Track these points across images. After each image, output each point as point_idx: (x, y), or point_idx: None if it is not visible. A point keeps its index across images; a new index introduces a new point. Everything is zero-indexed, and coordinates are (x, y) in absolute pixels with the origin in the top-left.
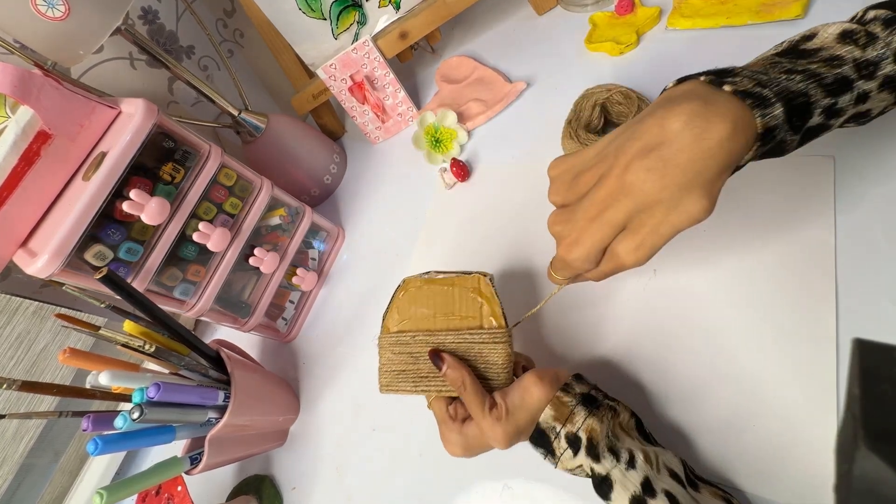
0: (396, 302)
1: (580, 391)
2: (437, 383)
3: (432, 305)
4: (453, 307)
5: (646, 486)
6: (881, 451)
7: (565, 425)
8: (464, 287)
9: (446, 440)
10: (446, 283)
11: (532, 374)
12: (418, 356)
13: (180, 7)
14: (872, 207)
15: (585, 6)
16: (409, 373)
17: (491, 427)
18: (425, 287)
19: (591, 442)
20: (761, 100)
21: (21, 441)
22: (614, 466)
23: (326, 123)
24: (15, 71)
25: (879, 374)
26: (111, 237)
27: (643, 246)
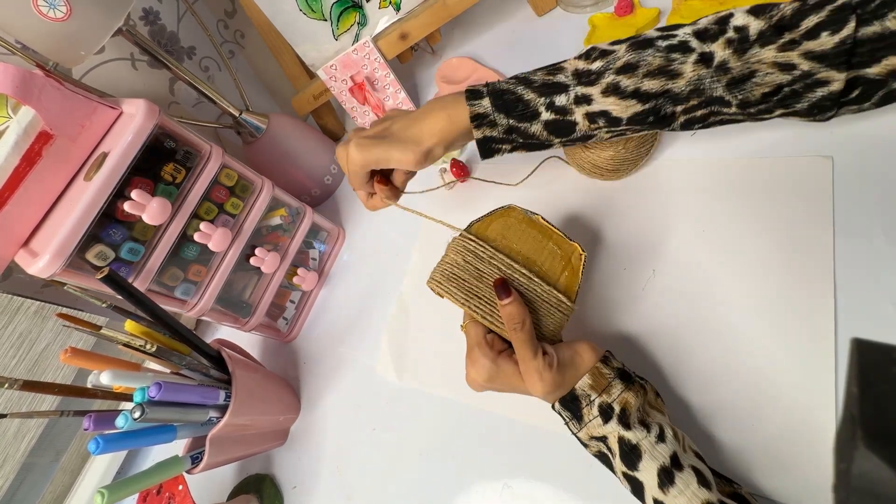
0: (494, 218)
1: (617, 365)
2: (486, 310)
3: (521, 243)
4: (539, 256)
5: (674, 460)
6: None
7: (601, 395)
8: (558, 246)
9: (475, 363)
10: (546, 234)
11: (586, 342)
12: (484, 276)
13: (181, 8)
14: (870, 207)
15: (585, 7)
16: (467, 285)
17: (540, 371)
18: (525, 224)
19: (625, 412)
20: (474, 93)
21: (22, 440)
22: (644, 437)
23: (327, 124)
24: (16, 71)
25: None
26: (112, 237)
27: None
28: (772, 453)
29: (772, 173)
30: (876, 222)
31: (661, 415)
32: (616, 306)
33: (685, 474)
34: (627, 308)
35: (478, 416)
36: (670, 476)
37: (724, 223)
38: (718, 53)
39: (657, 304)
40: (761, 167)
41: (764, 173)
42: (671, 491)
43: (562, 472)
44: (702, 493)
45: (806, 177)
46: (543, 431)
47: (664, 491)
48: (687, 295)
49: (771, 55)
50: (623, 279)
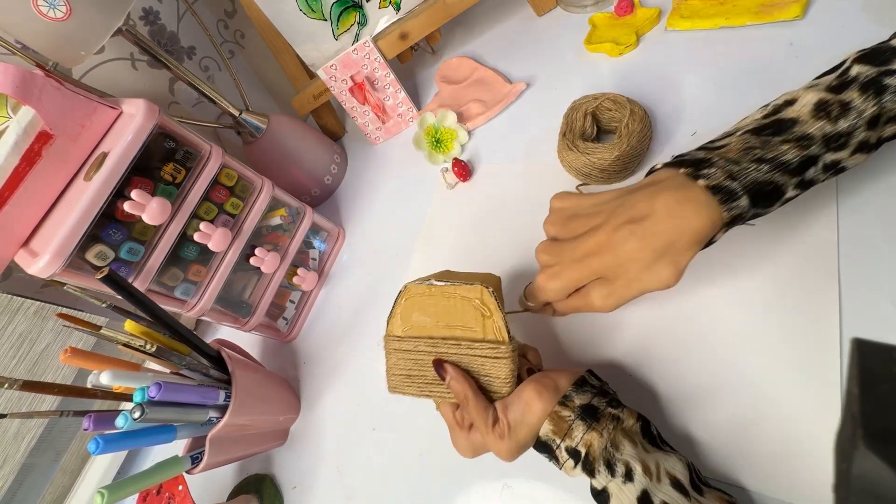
0: (399, 308)
1: (580, 402)
2: (443, 390)
3: (434, 314)
4: (455, 317)
5: (643, 499)
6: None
7: (564, 440)
8: (465, 298)
9: (456, 445)
10: (447, 293)
11: (532, 387)
12: (423, 363)
13: (181, 8)
14: (875, 208)
15: (585, 7)
16: (416, 377)
17: (494, 443)
18: (426, 294)
19: (588, 457)
20: (730, 194)
21: (22, 440)
22: (610, 480)
23: (327, 124)
24: (16, 71)
25: (879, 373)
26: (112, 237)
27: (613, 295)
28: (773, 453)
29: None
30: (881, 223)
31: (632, 446)
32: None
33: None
34: (627, 311)
35: None
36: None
37: None
38: None
39: (658, 307)
40: None
41: None
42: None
43: (562, 473)
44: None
45: None
46: None
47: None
48: (688, 298)
49: None
50: None
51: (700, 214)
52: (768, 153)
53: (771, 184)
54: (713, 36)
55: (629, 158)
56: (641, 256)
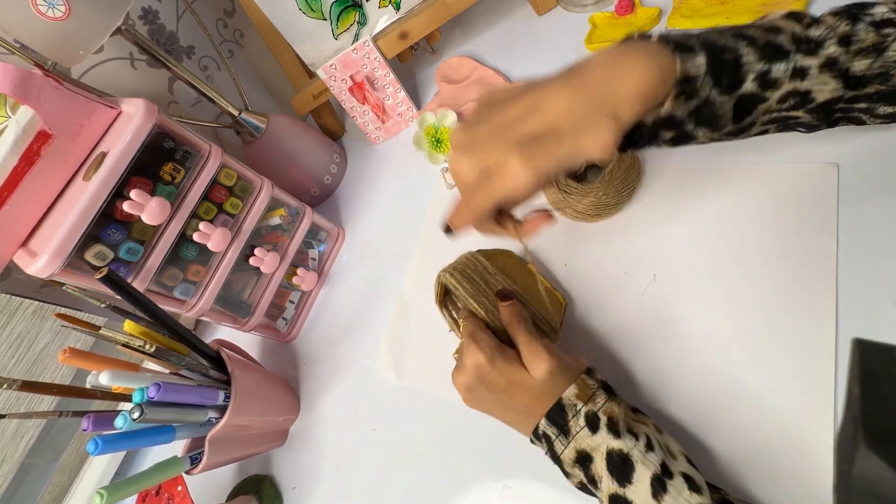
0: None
1: (600, 378)
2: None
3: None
4: (531, 292)
5: (664, 468)
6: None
7: (587, 404)
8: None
9: (470, 353)
10: (535, 279)
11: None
12: (489, 282)
13: (180, 7)
14: (875, 214)
15: (585, 6)
16: (475, 283)
17: (548, 348)
18: (520, 266)
19: (612, 421)
20: (684, 46)
21: (21, 440)
22: (634, 446)
23: (326, 123)
24: (15, 71)
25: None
26: (111, 237)
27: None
28: (773, 454)
29: (777, 179)
30: (880, 229)
31: (644, 426)
32: (615, 310)
33: (676, 481)
34: (627, 312)
35: (478, 417)
36: (663, 484)
37: (727, 228)
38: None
39: (657, 308)
40: (766, 173)
41: (769, 179)
42: (665, 499)
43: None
44: (693, 498)
45: (811, 184)
46: None
47: (658, 500)
48: (688, 299)
49: None
50: (623, 283)
51: (648, 61)
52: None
53: (733, 51)
54: None
55: (602, 207)
56: (574, 108)
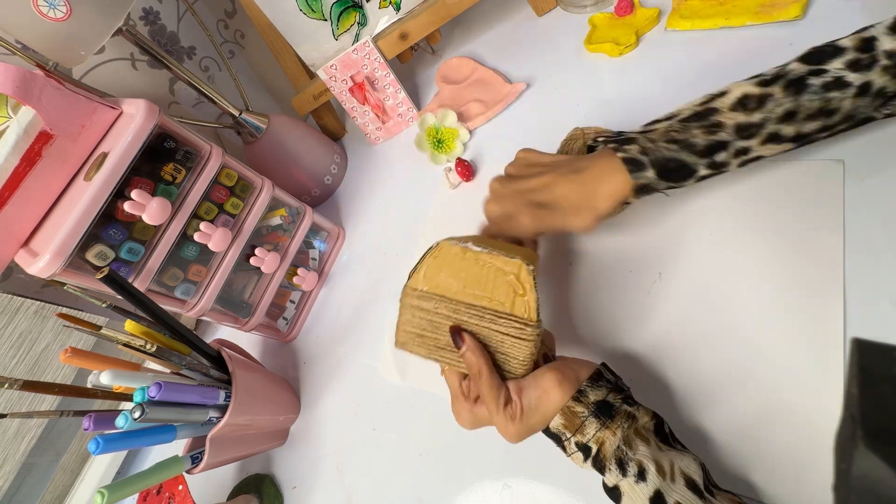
0: (426, 263)
1: (595, 398)
2: (453, 357)
3: (463, 279)
4: (485, 287)
5: (656, 499)
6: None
7: (575, 435)
8: (501, 270)
9: (457, 414)
10: (482, 260)
11: (553, 374)
12: (438, 326)
13: (181, 8)
14: (881, 211)
15: (585, 7)
16: (427, 339)
17: (503, 424)
18: (459, 257)
19: (599, 454)
20: (638, 165)
21: (22, 440)
22: (621, 479)
23: (327, 124)
24: (17, 71)
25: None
26: (112, 237)
27: (538, 219)
28: (774, 454)
29: (782, 177)
30: (888, 226)
31: (645, 445)
32: (621, 309)
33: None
34: (632, 311)
35: None
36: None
37: (732, 226)
38: (877, 81)
39: (663, 307)
40: (772, 171)
41: (774, 177)
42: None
43: (562, 472)
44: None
45: (817, 181)
46: None
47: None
48: (694, 298)
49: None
50: (628, 282)
51: (614, 179)
52: (680, 136)
53: (677, 161)
54: (713, 36)
55: None
56: (572, 198)
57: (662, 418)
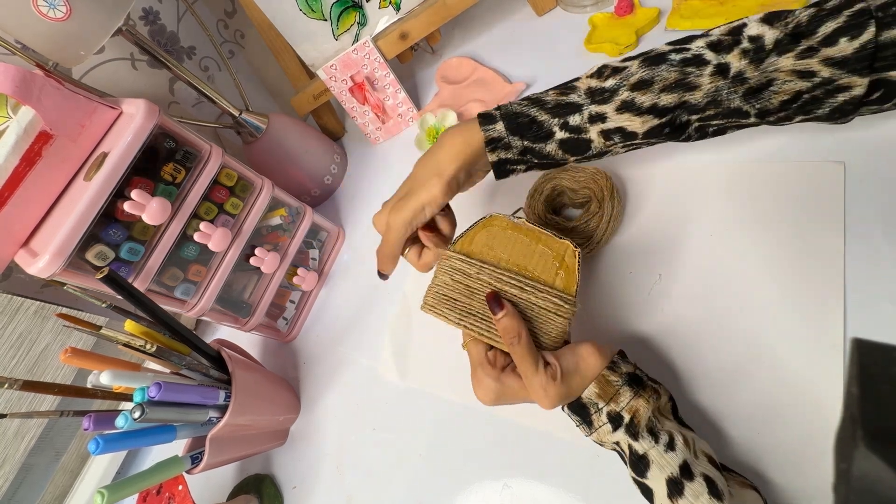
0: (475, 231)
1: (626, 370)
2: (483, 326)
3: (509, 251)
4: (529, 261)
5: (684, 469)
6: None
7: (609, 403)
8: (548, 247)
9: (479, 384)
10: (532, 236)
11: (590, 343)
12: (475, 292)
13: (181, 8)
14: (883, 211)
15: (585, 7)
16: (460, 303)
17: (544, 385)
18: (510, 230)
19: (633, 421)
20: (487, 118)
21: (22, 440)
22: (652, 447)
23: (327, 124)
24: (16, 71)
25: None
26: (112, 237)
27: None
28: (774, 454)
29: (783, 178)
30: (888, 227)
31: (670, 421)
32: (621, 310)
33: (695, 484)
34: (633, 312)
35: (478, 417)
36: (679, 487)
37: (733, 227)
38: (734, 64)
39: (663, 308)
40: (772, 171)
41: (775, 178)
42: (680, 502)
43: (562, 472)
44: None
45: (817, 181)
46: (543, 432)
47: (673, 501)
48: (694, 300)
49: (789, 63)
50: (629, 283)
51: (461, 135)
52: (534, 96)
53: (527, 116)
54: None
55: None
56: (422, 175)
57: (676, 402)
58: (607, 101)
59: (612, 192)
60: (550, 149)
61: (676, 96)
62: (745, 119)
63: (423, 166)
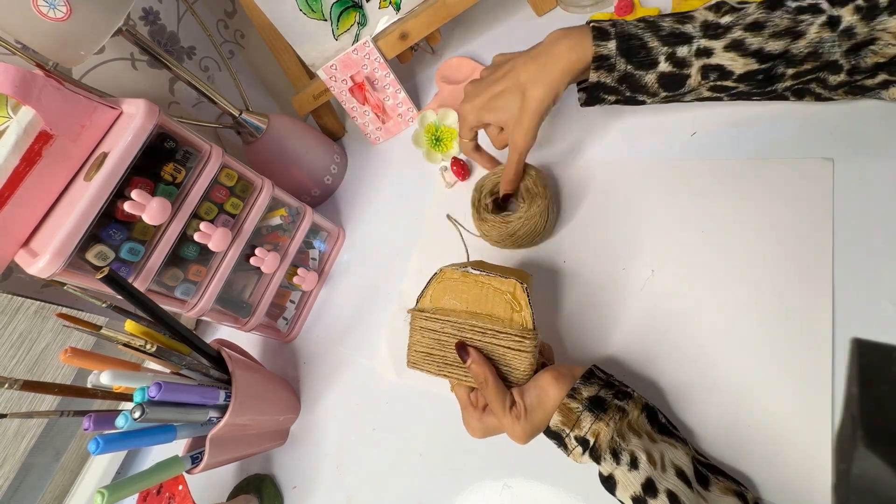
0: (431, 288)
1: (588, 394)
2: (460, 372)
3: (465, 300)
4: (485, 306)
5: (647, 487)
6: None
7: (573, 429)
8: (498, 290)
9: (468, 424)
10: (480, 282)
11: (549, 373)
12: (445, 344)
13: (181, 8)
14: (871, 209)
15: (585, 7)
16: (436, 356)
17: (510, 426)
18: (461, 280)
19: (596, 445)
20: (602, 33)
21: (22, 440)
22: (615, 468)
23: (327, 124)
24: (17, 71)
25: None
26: (113, 237)
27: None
28: (771, 453)
29: (772, 175)
30: (876, 225)
31: (638, 437)
32: (614, 306)
33: (658, 501)
34: (625, 308)
35: None
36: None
37: (724, 224)
38: (846, 18)
39: (655, 304)
40: (762, 168)
41: (764, 175)
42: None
43: (562, 472)
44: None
45: (807, 179)
46: None
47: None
48: (685, 295)
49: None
50: (621, 279)
51: (576, 49)
52: (650, 19)
53: (639, 39)
54: None
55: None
56: (531, 73)
57: (656, 409)
58: (719, 38)
59: (543, 185)
60: (649, 79)
61: (783, 43)
62: (834, 77)
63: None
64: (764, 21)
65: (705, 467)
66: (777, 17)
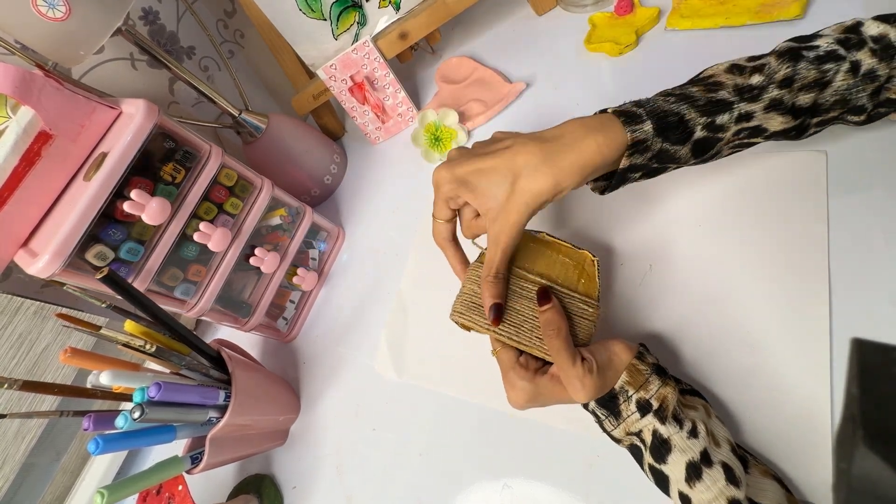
0: None
1: (652, 361)
2: (513, 331)
3: (534, 261)
4: (552, 270)
5: (704, 456)
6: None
7: (639, 391)
8: (569, 257)
9: (513, 387)
10: (553, 248)
11: (618, 340)
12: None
13: (181, 8)
14: (865, 201)
15: (585, 7)
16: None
17: (581, 377)
18: (532, 243)
19: (662, 406)
20: (633, 117)
21: (22, 441)
22: (676, 433)
23: (327, 124)
24: (16, 71)
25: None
26: (112, 237)
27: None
28: (770, 453)
29: (766, 168)
30: (871, 217)
31: (693, 411)
32: (613, 301)
33: (714, 471)
34: (623, 303)
35: (478, 415)
36: (698, 471)
37: (720, 218)
38: (866, 61)
39: (653, 299)
40: (756, 162)
41: (759, 168)
42: (698, 486)
43: (562, 472)
44: (729, 490)
45: (800, 171)
46: (543, 430)
47: (691, 485)
48: (683, 290)
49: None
50: (620, 274)
51: (601, 136)
52: (677, 90)
53: (676, 114)
54: (713, 35)
55: None
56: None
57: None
58: (756, 100)
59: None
60: (684, 152)
61: (812, 95)
62: (858, 116)
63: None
64: (792, 76)
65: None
66: (803, 69)
